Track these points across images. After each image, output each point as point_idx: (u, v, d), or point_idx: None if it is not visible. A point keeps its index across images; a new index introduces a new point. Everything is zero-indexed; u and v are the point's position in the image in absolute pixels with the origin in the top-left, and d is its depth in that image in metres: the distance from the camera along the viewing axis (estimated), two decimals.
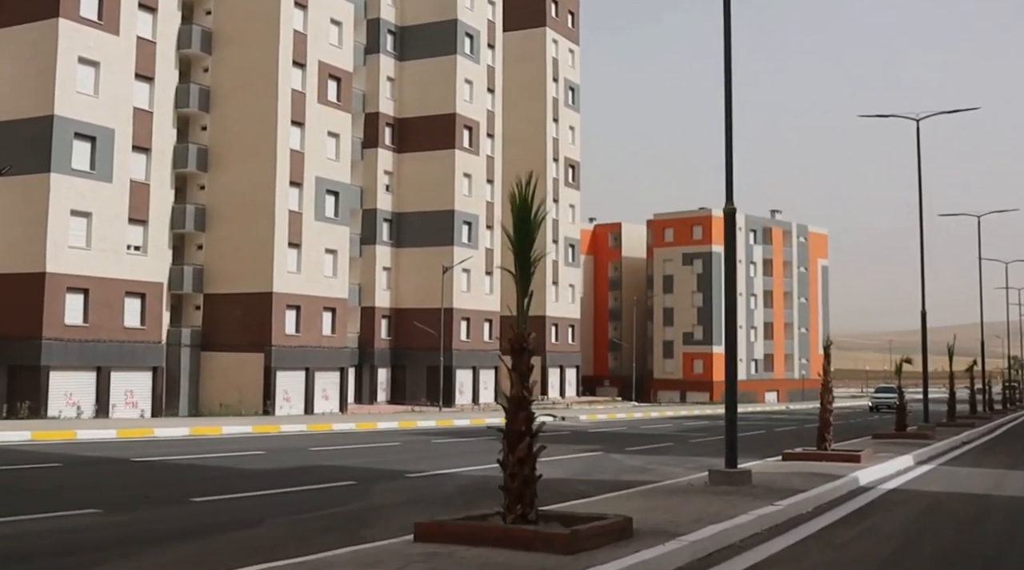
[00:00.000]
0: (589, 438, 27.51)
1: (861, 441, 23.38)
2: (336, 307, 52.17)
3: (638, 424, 34.65)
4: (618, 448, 22.93)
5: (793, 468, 15.03)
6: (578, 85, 77.81)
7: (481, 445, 23.86)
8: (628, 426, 34.62)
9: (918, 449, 20.61)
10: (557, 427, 34.23)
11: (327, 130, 51.91)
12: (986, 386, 52.78)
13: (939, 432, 28.14)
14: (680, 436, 28.97)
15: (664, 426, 35.66)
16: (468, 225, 63.24)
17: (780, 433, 31.74)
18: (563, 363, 74.38)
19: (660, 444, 24.70)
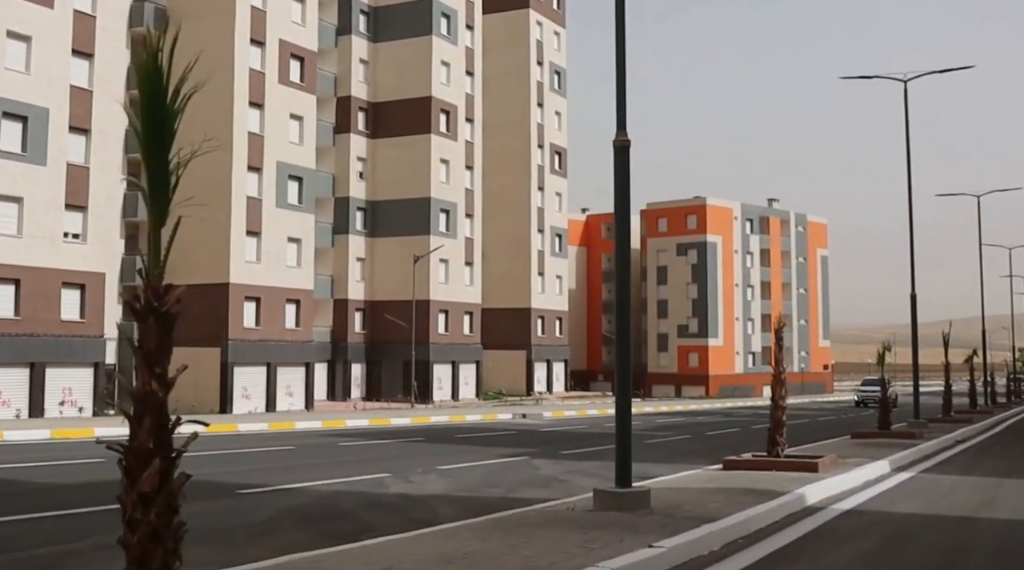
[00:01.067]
0: (530, 439, 24.80)
1: (835, 442, 20.54)
2: (301, 299, 49.45)
3: (602, 422, 31.83)
4: (551, 452, 20.15)
5: (726, 482, 12.11)
6: (564, 69, 74.90)
7: (391, 449, 21.23)
8: (590, 424, 31.76)
9: (900, 451, 17.79)
10: (507, 426, 31.48)
11: (289, 112, 49.16)
12: (988, 378, 49.77)
13: (931, 429, 25.34)
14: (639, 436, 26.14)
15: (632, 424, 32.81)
16: (446, 213, 60.45)
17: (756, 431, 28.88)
18: (550, 357, 71.55)
19: (604, 446, 21.78)
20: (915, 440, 20.92)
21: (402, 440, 24.04)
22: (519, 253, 69.49)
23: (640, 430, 28.41)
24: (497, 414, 39.87)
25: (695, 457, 16.98)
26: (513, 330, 69.32)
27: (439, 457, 18.43)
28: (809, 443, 20.46)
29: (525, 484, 13.69)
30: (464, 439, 23.90)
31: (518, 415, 38.51)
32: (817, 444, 19.70)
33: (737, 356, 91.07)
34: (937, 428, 26.34)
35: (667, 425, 31.69)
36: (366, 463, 17.22)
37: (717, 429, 28.46)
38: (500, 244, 69.77)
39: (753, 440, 23.19)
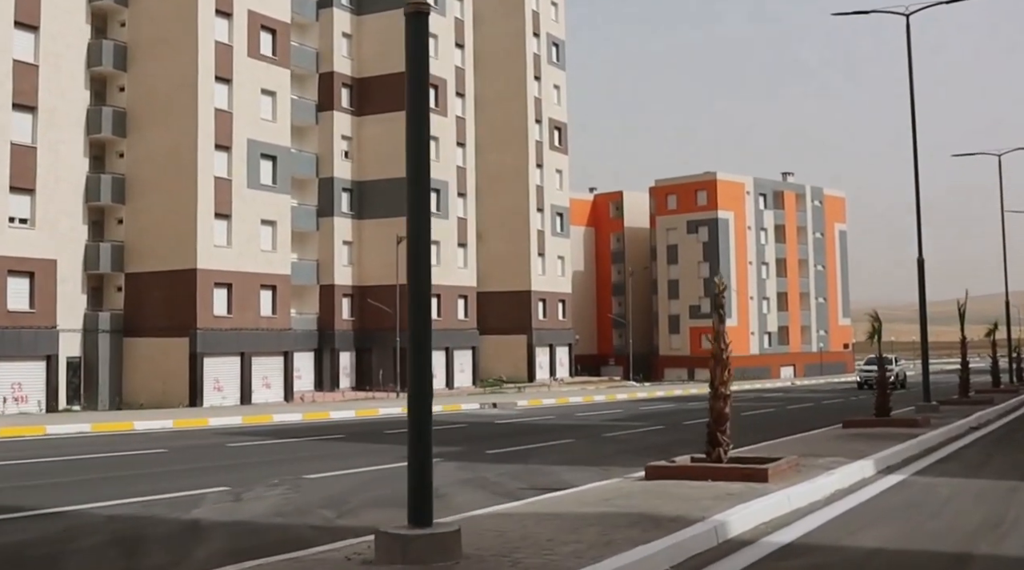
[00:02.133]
0: (471, 435, 22.11)
1: (819, 434, 17.45)
2: (277, 284, 46.79)
3: (575, 412, 28.90)
4: (475, 451, 17.30)
5: (626, 501, 9.05)
6: (563, 41, 71.64)
7: (282, 451, 18.48)
8: (560, 415, 28.72)
9: (895, 445, 14.73)
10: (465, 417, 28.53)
11: (261, 87, 46.42)
12: (1013, 353, 46.17)
13: (941, 414, 22.26)
14: (601, 427, 23.22)
15: (610, 412, 29.64)
16: (436, 192, 57.45)
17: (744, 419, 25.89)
18: (553, 341, 68.60)
19: (547, 443, 18.88)
20: (918, 429, 17.86)
21: (313, 438, 21.24)
22: (518, 233, 66.51)
23: (611, 420, 25.47)
24: (462, 404, 36.82)
25: (641, 457, 14.09)
26: (513, 314, 66.43)
27: (325, 462, 15.74)
28: (792, 435, 17.50)
29: (379, 503, 10.78)
30: (392, 436, 21.15)
31: (488, 404, 35.57)
32: (794, 438, 16.68)
33: (752, 336, 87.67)
34: (949, 412, 23.23)
35: (647, 414, 28.67)
36: (214, 472, 14.48)
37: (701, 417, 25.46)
38: (498, 224, 66.82)
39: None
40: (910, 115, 23.40)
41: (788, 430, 18.88)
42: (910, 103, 23.19)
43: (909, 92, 22.41)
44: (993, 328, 37.61)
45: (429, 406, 6.90)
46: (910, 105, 23.26)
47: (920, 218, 23.06)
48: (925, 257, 22.44)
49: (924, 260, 22.80)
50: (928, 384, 23.74)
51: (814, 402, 33.85)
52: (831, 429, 18.44)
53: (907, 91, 22.82)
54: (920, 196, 23.09)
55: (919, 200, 23.17)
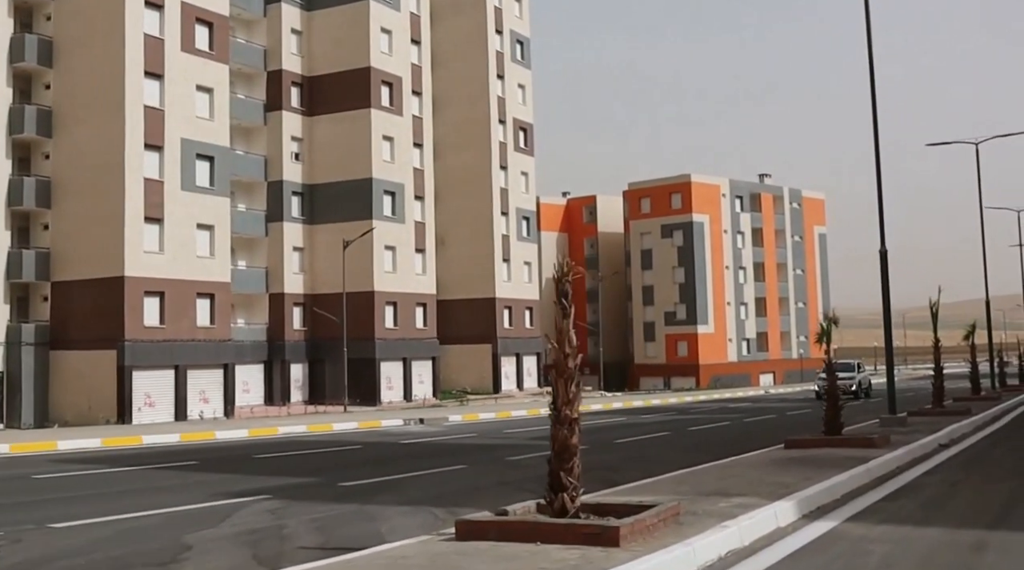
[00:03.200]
0: (352, 459, 19.49)
1: (750, 458, 14.66)
2: (215, 292, 44.07)
3: (505, 428, 25.98)
4: (325, 486, 14.54)
5: None
6: (527, 38, 69.10)
7: (96, 483, 15.70)
8: (486, 432, 25.48)
9: (836, 474, 11.93)
10: (373, 436, 25.61)
11: (196, 84, 43.80)
12: (995, 358, 43.65)
13: (908, 428, 19.71)
14: (516, 447, 20.52)
15: (543, 429, 26.40)
16: (391, 195, 54.91)
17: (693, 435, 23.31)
18: (520, 351, 65.91)
19: (436, 469, 16.04)
20: (873, 450, 15.17)
21: (157, 466, 18.42)
22: (481, 238, 63.88)
23: (535, 438, 22.80)
24: (383, 421, 33.46)
25: (520, 492, 11.55)
26: (477, 322, 63.76)
27: (114, 500, 13.15)
28: (723, 458, 14.89)
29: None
30: (254, 463, 18.47)
31: (414, 420, 32.55)
32: (715, 464, 13.93)
33: (730, 343, 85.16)
34: (917, 426, 20.66)
35: (584, 429, 25.83)
36: None
37: (640, 434, 22.73)
38: (460, 229, 64.20)
39: (648, 458, 17.56)
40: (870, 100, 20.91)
41: (723, 451, 16.36)
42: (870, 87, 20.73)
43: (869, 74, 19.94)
44: (971, 330, 35.06)
45: None
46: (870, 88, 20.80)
47: (882, 208, 20.61)
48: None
49: (887, 251, 20.42)
50: (893, 393, 21.11)
51: (778, 413, 31.19)
52: (769, 451, 15.76)
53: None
54: (882, 184, 20.63)
55: (880, 189, 20.71)
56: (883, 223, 20.47)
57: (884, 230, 20.47)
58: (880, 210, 20.51)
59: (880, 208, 20.52)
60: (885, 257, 20.41)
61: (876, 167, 20.67)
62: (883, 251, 20.48)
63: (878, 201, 20.60)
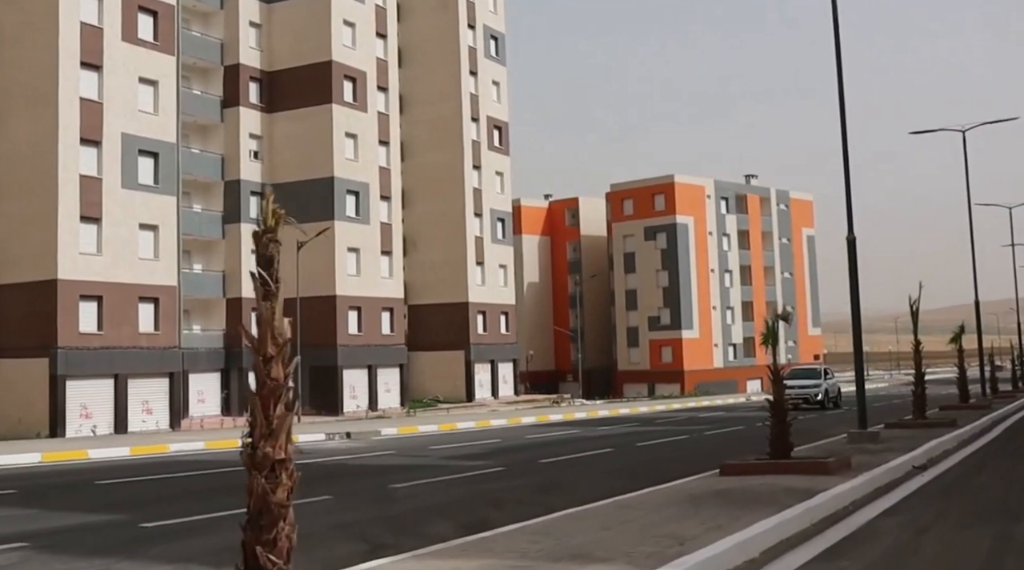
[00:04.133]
0: (200, 486, 16.86)
1: (662, 492, 11.82)
2: (160, 297, 41.56)
3: (434, 444, 23.15)
4: (128, 524, 11.93)
5: None
6: (502, 34, 66.72)
7: None
8: (410, 450, 22.23)
9: (761, 517, 9.11)
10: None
11: (139, 76, 41.37)
12: (984, 363, 41.11)
13: (880, 445, 17.22)
14: (418, 470, 17.77)
15: (475, 445, 23.69)
16: (355, 195, 52.47)
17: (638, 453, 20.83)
18: (495, 357, 63.40)
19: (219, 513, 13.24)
20: (826, 478, 12.46)
21: None
22: (454, 241, 61.43)
23: (457, 458, 20.28)
24: (300, 436, 29.40)
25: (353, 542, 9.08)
26: (449, 328, 61.29)
27: None
28: (653, 484, 12.45)
29: None
30: (93, 488, 16.01)
31: (340, 435, 29.61)
32: (625, 498, 11.17)
33: (716, 349, 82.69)
34: (892, 442, 18.20)
35: (522, 446, 23.20)
36: None
37: (575, 452, 20.00)
38: (431, 231, 61.80)
39: (560, 485, 15.04)
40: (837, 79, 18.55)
41: (652, 475, 13.97)
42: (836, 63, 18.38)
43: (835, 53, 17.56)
44: (959, 332, 32.51)
45: None
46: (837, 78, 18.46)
47: (849, 195, 18.26)
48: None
49: (855, 239, 18.24)
50: (863, 404, 18.61)
51: (747, 425, 28.61)
52: (698, 479, 13.04)
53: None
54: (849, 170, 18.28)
55: (848, 174, 18.35)
56: (851, 210, 18.20)
57: (852, 217, 18.22)
58: (848, 197, 18.20)
59: (848, 195, 18.21)
60: (853, 245, 18.24)
61: (843, 153, 18.32)
62: (851, 239, 18.28)
63: (845, 188, 18.28)
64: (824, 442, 18.80)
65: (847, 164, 18.27)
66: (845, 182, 18.22)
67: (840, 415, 32.97)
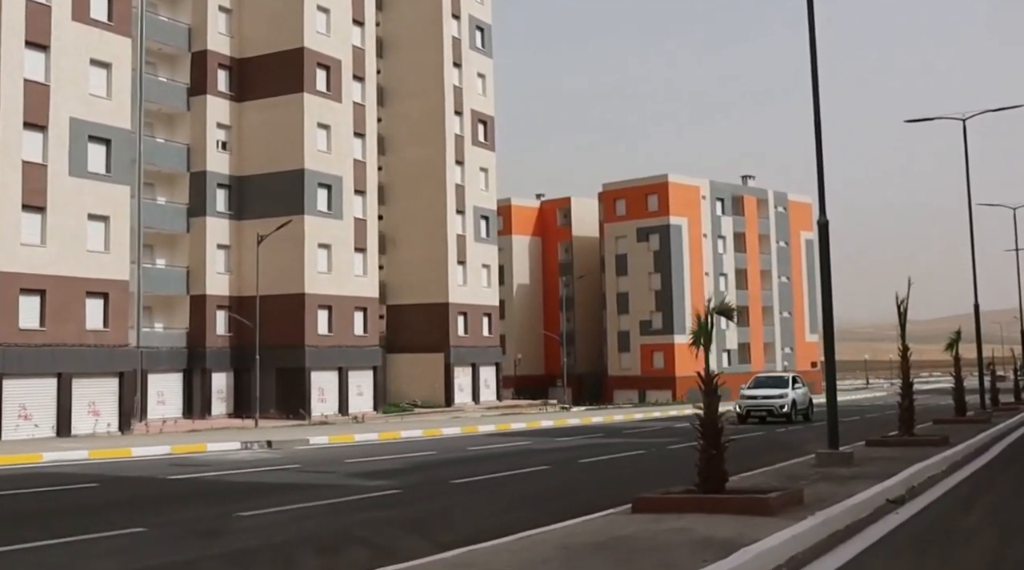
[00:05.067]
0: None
1: (521, 541, 9.19)
2: (110, 292, 39.25)
3: (351, 457, 20.34)
4: None
5: None
6: (488, 25, 64.40)
7: None
8: (318, 463, 19.17)
9: None
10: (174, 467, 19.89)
11: (90, 58, 39.08)
12: (984, 371, 38.45)
13: (851, 471, 14.61)
14: (276, 493, 14.95)
15: (399, 459, 20.92)
16: (327, 188, 50.14)
17: (567, 474, 18.43)
18: (477, 360, 61.02)
19: (66, 538, 10.41)
20: (767, 521, 9.31)
21: None
22: (434, 238, 59.11)
23: (360, 474, 17.82)
24: (208, 444, 26.61)
25: None
26: (429, 329, 58.96)
27: None
28: (551, 520, 10.08)
29: None
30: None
31: (260, 443, 26.78)
32: (459, 556, 8.42)
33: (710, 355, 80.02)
34: (869, 464, 15.62)
35: (448, 460, 20.61)
36: None
37: (501, 470, 17.15)
38: (412, 228, 59.50)
39: (444, 515, 12.60)
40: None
41: (567, 505, 11.60)
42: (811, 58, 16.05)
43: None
44: (955, 338, 29.96)
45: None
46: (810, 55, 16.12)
47: (822, 177, 15.94)
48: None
49: (828, 221, 16.04)
50: (835, 419, 16.09)
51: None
52: (603, 518, 10.25)
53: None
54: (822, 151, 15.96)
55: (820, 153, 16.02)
56: (823, 192, 15.93)
57: (824, 199, 15.97)
58: (820, 178, 15.91)
59: (820, 176, 15.90)
60: (825, 228, 16.13)
61: (816, 129, 15.97)
62: (822, 222, 16.09)
63: (817, 169, 15.96)
64: (784, 465, 16.06)
65: (819, 142, 15.97)
66: (817, 162, 15.92)
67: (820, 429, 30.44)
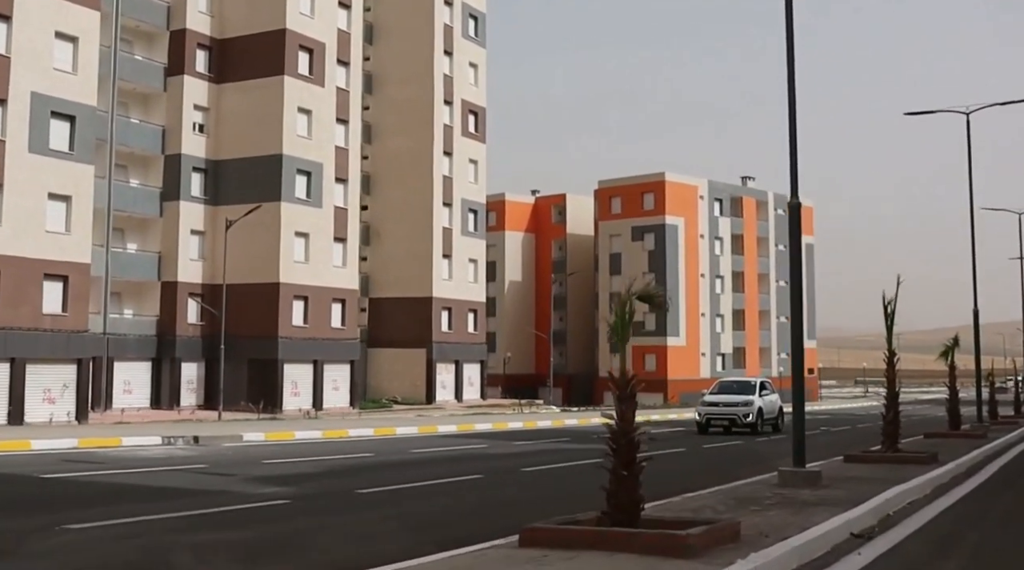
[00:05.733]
0: None
1: None
2: (70, 275, 37.57)
3: (266, 459, 18.43)
4: None
5: None
6: (482, 13, 62.72)
7: None
8: (222, 464, 17.89)
9: None
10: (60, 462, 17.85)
11: (55, 30, 37.38)
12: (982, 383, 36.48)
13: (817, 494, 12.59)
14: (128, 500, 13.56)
15: (333, 461, 19.22)
16: (307, 175, 48.46)
17: (492, 487, 16.66)
18: (461, 357, 59.35)
19: None
20: (682, 566, 7.92)
21: None
22: (420, 231, 57.46)
23: (262, 479, 16.08)
24: (124, 438, 24.15)
25: None
26: (411, 324, 57.30)
27: None
28: (423, 551, 8.32)
29: None
30: None
31: (186, 439, 24.78)
32: None
33: (703, 358, 78.47)
34: (840, 485, 13.63)
35: (384, 464, 18.93)
36: None
37: (429, 478, 15.06)
38: (397, 220, 57.84)
39: (291, 543, 10.87)
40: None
41: (459, 530, 9.72)
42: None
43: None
44: (951, 345, 28.02)
45: None
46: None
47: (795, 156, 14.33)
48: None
49: (800, 203, 14.57)
50: (802, 432, 14.20)
51: (688, 447, 24.34)
52: (481, 552, 8.15)
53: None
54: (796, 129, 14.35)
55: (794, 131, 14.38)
56: (795, 173, 14.39)
57: (796, 181, 14.45)
58: (792, 161, 14.31)
59: (792, 155, 14.31)
60: (797, 211, 14.67)
61: (790, 101, 14.30)
62: (794, 204, 14.58)
63: (790, 151, 14.37)
64: (740, 484, 13.75)
65: (793, 123, 14.37)
66: (790, 143, 14.30)
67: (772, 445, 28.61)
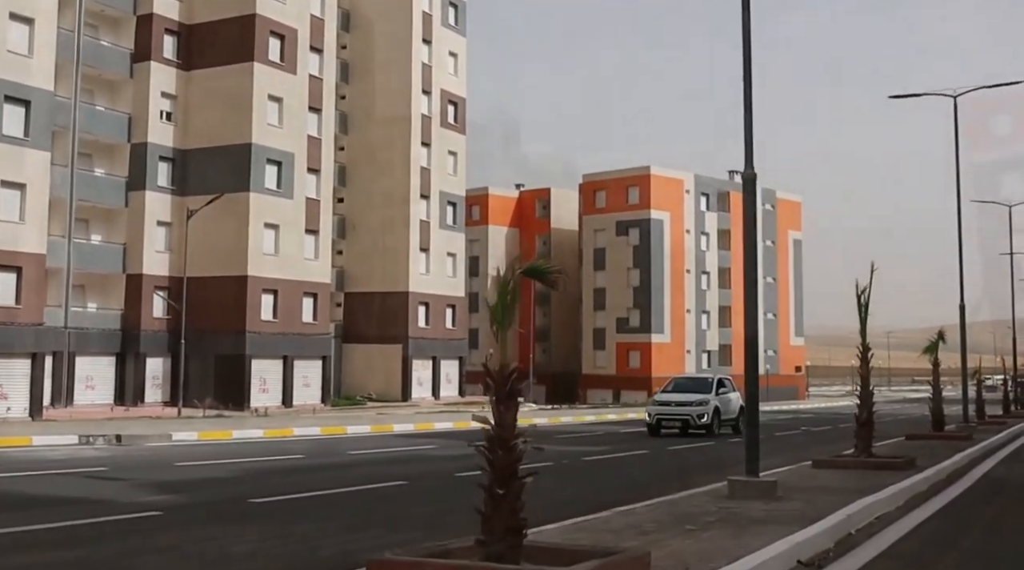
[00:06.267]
0: None
1: None
2: (24, 266, 36.22)
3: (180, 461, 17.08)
4: None
5: None
6: (463, 1, 61.37)
7: None
8: (126, 468, 16.30)
9: None
10: None
11: (9, 11, 36.07)
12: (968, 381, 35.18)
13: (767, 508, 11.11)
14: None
15: (253, 463, 17.80)
16: (277, 165, 47.08)
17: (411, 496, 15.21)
18: (438, 354, 58.03)
19: None
20: None
21: None
22: (396, 224, 56.13)
23: (155, 486, 14.73)
24: (34, 437, 22.61)
25: None
26: (387, 319, 55.99)
27: None
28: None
29: None
30: None
31: (105, 438, 23.10)
32: None
33: (688, 355, 77.22)
34: (796, 498, 12.03)
35: (314, 466, 17.47)
36: None
37: (358, 483, 13.81)
38: (373, 212, 56.50)
39: None
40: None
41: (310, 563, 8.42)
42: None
43: None
44: (936, 340, 26.60)
45: None
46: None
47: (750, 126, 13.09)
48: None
49: (755, 174, 13.34)
50: (756, 434, 12.72)
51: (656, 450, 22.97)
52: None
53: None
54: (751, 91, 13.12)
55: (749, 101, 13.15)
56: (750, 143, 13.17)
57: (751, 151, 13.24)
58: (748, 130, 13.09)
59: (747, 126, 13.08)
60: (752, 183, 13.56)
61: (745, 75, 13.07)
62: (749, 175, 13.42)
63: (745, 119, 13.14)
64: (683, 495, 12.06)
65: (748, 90, 13.15)
66: (745, 110, 13.05)
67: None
